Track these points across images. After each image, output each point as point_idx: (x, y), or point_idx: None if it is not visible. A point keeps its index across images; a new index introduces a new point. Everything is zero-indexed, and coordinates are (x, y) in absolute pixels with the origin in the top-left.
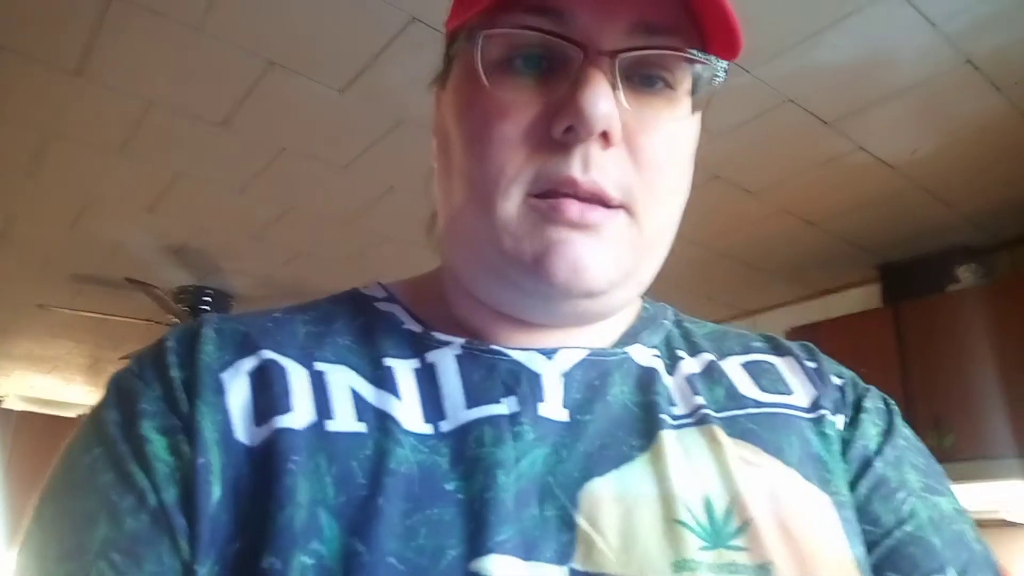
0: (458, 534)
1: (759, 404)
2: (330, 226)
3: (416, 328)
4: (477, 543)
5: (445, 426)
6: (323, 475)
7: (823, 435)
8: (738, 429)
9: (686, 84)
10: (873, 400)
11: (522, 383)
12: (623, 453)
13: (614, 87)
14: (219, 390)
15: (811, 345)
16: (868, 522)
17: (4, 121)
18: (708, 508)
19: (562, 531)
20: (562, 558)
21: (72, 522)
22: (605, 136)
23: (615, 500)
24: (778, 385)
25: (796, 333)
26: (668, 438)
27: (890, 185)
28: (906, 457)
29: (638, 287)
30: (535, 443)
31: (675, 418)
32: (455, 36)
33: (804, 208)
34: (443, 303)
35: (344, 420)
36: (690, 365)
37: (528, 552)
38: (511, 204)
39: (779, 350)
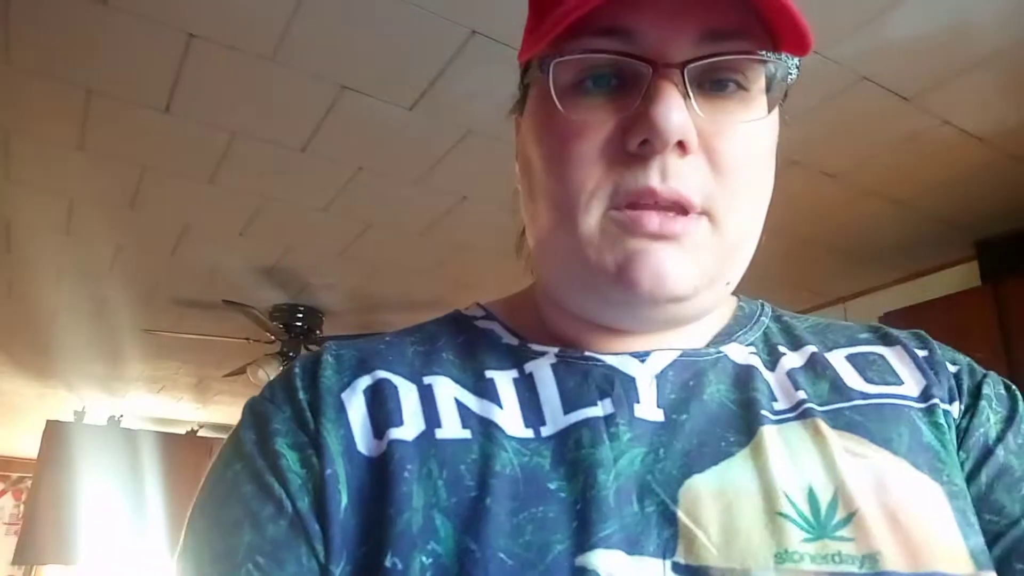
0: (563, 530)
1: (866, 396)
2: (409, 238)
3: (513, 342)
4: (582, 539)
5: (545, 431)
6: (435, 479)
7: (935, 425)
8: (842, 421)
9: (759, 83)
10: (993, 386)
11: (616, 386)
12: (722, 450)
13: (685, 97)
14: (340, 408)
15: (923, 333)
16: (992, 512)
17: (105, 159)
18: (811, 499)
19: (663, 526)
20: (665, 552)
21: (221, 530)
22: (682, 145)
23: (716, 495)
24: (886, 376)
25: (891, 317)
26: (769, 433)
27: (980, 158)
28: None
29: (726, 288)
30: (632, 443)
31: (776, 413)
32: (528, 66)
33: (890, 188)
34: (538, 317)
35: (451, 428)
36: (792, 360)
37: (631, 547)
38: (592, 219)
39: (887, 340)
